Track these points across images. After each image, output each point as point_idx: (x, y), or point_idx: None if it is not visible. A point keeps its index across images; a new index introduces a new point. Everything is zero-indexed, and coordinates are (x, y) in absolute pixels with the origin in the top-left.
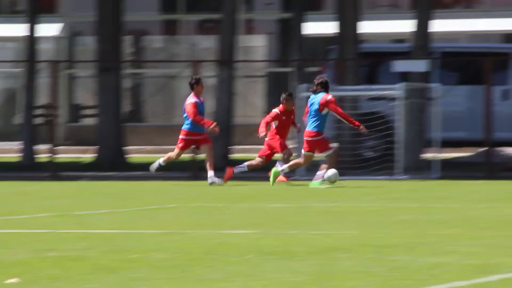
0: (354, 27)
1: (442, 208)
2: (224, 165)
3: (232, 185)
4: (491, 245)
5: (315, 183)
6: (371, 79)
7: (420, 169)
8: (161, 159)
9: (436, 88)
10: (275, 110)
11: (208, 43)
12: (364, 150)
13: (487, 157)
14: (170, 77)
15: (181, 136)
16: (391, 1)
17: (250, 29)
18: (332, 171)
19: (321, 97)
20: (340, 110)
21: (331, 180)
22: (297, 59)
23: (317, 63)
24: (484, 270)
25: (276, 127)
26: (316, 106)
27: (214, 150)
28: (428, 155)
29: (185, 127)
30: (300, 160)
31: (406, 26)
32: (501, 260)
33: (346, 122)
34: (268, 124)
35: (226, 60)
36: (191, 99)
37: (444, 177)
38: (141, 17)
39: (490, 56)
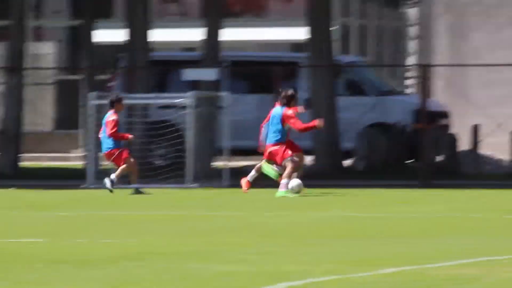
0: (144, 35)
1: (232, 216)
2: (13, 173)
3: (23, 193)
4: (280, 253)
5: (281, 192)
6: (161, 87)
7: (210, 178)
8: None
9: (226, 96)
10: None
11: None
12: (155, 158)
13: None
14: None
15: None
16: (181, 9)
17: (39, 36)
18: (296, 181)
19: (282, 111)
20: (299, 125)
21: (294, 190)
22: (87, 67)
23: (107, 71)
24: (273, 278)
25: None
26: (278, 119)
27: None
28: (218, 163)
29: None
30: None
31: (196, 34)
32: (290, 268)
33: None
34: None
35: (14, 67)
36: (113, 117)
37: (234, 185)
38: None
39: (279, 65)
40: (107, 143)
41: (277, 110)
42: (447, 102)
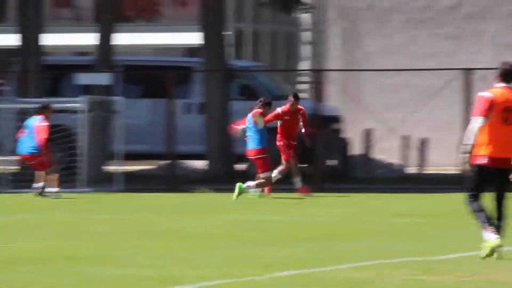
0: (36, 39)
1: (126, 220)
2: None
3: None
4: (173, 257)
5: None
6: (54, 92)
7: (103, 182)
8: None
9: (119, 101)
10: (277, 110)
11: None
12: None
13: (169, 170)
14: None
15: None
16: (74, 14)
17: None
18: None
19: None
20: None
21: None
22: None
23: (0, 75)
24: (166, 282)
25: (280, 127)
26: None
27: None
28: (112, 167)
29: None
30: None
31: (89, 39)
32: (184, 272)
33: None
34: (268, 123)
35: None
36: (45, 123)
37: (127, 189)
38: None
39: (173, 69)
40: (29, 147)
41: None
42: (340, 107)
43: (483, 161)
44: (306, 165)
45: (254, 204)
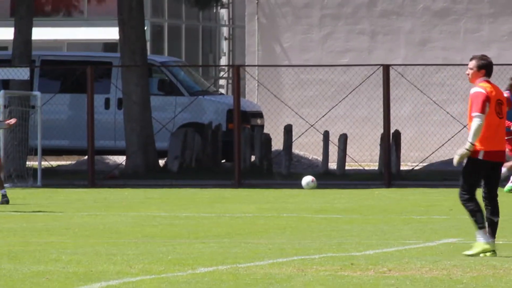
0: None
1: (45, 216)
2: None
3: None
4: (95, 253)
5: None
6: None
7: (22, 177)
8: None
9: (37, 96)
10: None
11: None
12: None
13: (89, 165)
14: None
15: None
16: None
17: None
18: None
19: None
20: None
21: None
22: None
23: None
24: (87, 277)
25: None
26: None
27: None
28: (31, 163)
29: None
30: None
31: (7, 33)
32: (105, 267)
33: None
34: None
35: None
36: None
37: (46, 185)
38: None
39: (92, 64)
40: None
41: None
42: (260, 102)
43: (480, 155)
44: (224, 160)
45: (171, 200)
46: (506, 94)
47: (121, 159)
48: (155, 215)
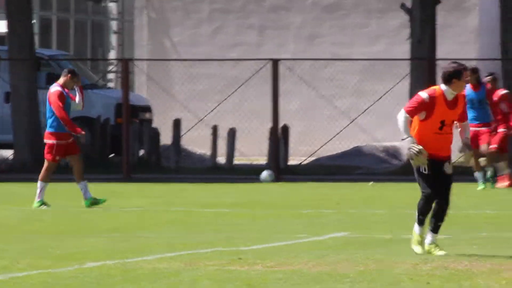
0: None
1: None
2: None
3: None
4: None
5: None
6: None
7: None
8: None
9: None
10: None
11: None
12: None
13: None
14: None
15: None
16: None
17: None
18: None
19: None
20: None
21: None
22: None
23: None
24: None
25: None
26: None
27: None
28: None
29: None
30: None
31: None
32: None
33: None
34: None
35: None
36: (56, 87)
37: None
38: None
39: None
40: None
41: None
42: (149, 97)
43: None
44: (113, 154)
45: (59, 194)
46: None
47: (8, 153)
48: (43, 210)
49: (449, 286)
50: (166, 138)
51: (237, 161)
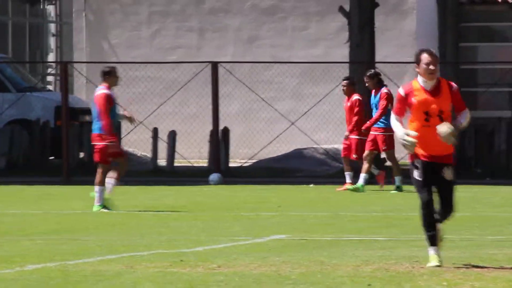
0: None
1: None
2: None
3: None
4: None
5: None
6: None
7: None
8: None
9: None
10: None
11: None
12: None
13: None
14: None
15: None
16: None
17: None
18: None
19: None
20: None
21: None
22: None
23: None
24: None
25: None
26: None
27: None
28: None
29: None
30: None
31: None
32: None
33: None
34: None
35: None
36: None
37: None
38: None
39: None
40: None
41: None
42: (89, 99)
43: None
44: (53, 157)
45: None
46: (386, 90)
47: None
48: None
49: None
50: None
51: (177, 163)
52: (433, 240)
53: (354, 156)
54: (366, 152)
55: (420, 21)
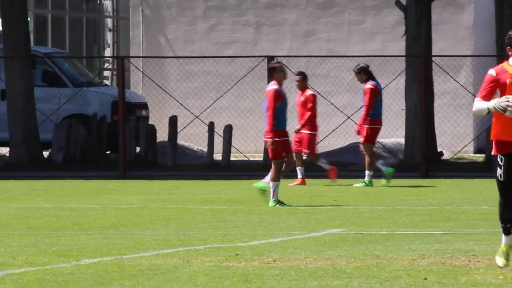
0: None
1: None
2: None
3: None
4: None
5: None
6: None
7: None
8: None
9: None
10: None
11: None
12: None
13: None
14: None
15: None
16: None
17: None
18: None
19: None
20: None
21: None
22: None
23: None
24: None
25: None
26: None
27: None
28: None
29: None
30: None
31: None
32: None
33: None
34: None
35: None
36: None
37: None
38: None
39: None
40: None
41: None
42: (145, 94)
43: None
44: (109, 152)
45: (56, 192)
46: (370, 85)
47: (4, 151)
48: (39, 207)
49: (446, 281)
50: (162, 135)
51: (233, 157)
52: (508, 230)
53: (305, 151)
54: (365, 145)
55: (477, 13)
